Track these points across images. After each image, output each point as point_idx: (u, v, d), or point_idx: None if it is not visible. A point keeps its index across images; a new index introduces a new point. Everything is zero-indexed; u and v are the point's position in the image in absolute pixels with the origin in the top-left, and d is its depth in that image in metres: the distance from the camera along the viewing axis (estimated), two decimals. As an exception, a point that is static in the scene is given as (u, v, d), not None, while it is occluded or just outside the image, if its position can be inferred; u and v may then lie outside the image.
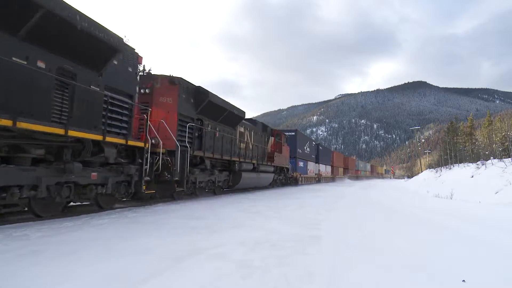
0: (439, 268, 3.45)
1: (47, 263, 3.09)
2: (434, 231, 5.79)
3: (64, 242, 3.93)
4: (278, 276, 2.97)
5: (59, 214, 5.84)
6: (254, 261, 3.40)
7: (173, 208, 7.81)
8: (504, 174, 12.67)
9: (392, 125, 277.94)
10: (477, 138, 32.72)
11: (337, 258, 3.71)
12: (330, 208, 8.87)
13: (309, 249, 4.05)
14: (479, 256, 4.05)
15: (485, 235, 5.49)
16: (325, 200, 11.40)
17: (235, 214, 6.99)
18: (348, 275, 3.10)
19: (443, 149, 31.93)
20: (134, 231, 4.77)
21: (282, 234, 4.88)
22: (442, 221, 7.12)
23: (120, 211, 6.89)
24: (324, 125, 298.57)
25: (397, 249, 4.27)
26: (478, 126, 46.73)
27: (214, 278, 2.88)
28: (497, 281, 3.12)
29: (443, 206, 10.64)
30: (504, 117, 42.22)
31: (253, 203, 9.29)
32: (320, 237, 4.83)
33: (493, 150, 23.35)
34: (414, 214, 8.65)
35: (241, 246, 4.04)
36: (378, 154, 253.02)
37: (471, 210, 9.45)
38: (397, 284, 2.90)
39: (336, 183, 35.01)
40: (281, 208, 8.24)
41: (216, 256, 3.56)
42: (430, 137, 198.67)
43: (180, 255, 3.51)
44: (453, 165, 23.28)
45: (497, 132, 26.56)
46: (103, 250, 3.62)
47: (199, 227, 5.25)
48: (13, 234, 4.24)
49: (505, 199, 10.40)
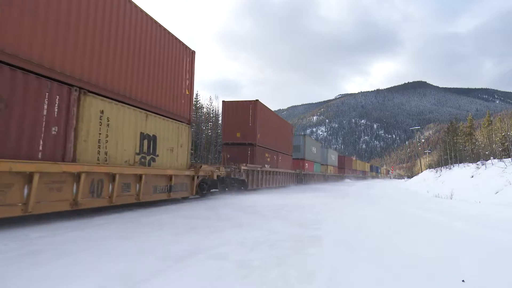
0: (439, 268, 3.45)
1: (47, 263, 3.09)
2: (434, 231, 5.78)
3: (64, 242, 3.93)
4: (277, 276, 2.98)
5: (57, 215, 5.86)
6: (254, 261, 3.41)
7: (173, 208, 7.83)
8: (504, 174, 12.66)
9: (392, 125, 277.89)
10: (477, 138, 32.74)
11: (337, 258, 3.72)
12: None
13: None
14: (479, 256, 4.05)
15: (485, 235, 5.48)
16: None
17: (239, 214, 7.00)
18: (348, 275, 3.10)
19: (443, 149, 31.93)
20: (135, 231, 4.77)
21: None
22: (442, 222, 7.12)
23: (120, 211, 6.89)
24: (324, 125, 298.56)
25: (396, 249, 4.27)
26: (478, 126, 46.78)
27: (214, 278, 2.88)
28: (497, 281, 3.12)
29: (443, 206, 10.64)
30: (504, 117, 42.22)
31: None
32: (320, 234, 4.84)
33: (493, 150, 23.36)
34: (414, 214, 8.64)
35: (240, 246, 4.04)
36: (378, 154, 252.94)
37: (471, 210, 9.45)
38: (397, 284, 2.90)
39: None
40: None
41: (216, 256, 3.56)
42: (430, 137, 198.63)
43: (180, 255, 3.51)
44: (453, 165, 23.28)
45: (497, 132, 26.59)
46: (103, 250, 3.62)
47: (199, 227, 5.25)
48: (13, 234, 4.24)
49: (505, 199, 10.40)
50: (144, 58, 7.60)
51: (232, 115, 15.74)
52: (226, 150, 15.32)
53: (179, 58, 9.10)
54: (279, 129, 19.88)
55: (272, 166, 17.93)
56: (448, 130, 34.65)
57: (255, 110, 15.39)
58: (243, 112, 15.47)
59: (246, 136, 15.33)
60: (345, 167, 49.89)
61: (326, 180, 36.02)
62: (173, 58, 8.83)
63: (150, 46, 7.79)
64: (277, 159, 19.16)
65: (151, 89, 7.85)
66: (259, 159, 15.77)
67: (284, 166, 20.91)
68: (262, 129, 16.30)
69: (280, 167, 19.82)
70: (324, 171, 36.40)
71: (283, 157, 20.77)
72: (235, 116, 15.62)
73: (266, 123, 16.87)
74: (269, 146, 17.47)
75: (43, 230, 4.57)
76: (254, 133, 15.28)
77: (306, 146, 28.38)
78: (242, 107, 15.57)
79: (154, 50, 7.96)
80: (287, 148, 21.88)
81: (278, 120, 19.81)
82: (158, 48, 8.10)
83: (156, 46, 8.04)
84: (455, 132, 32.58)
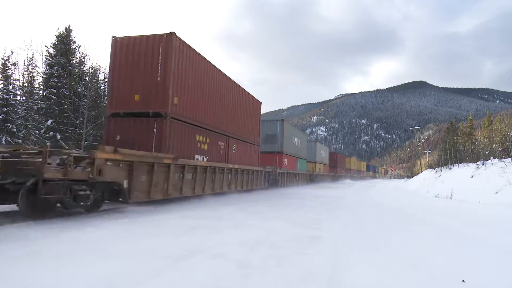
0: (439, 268, 3.44)
1: (46, 263, 3.09)
2: (434, 232, 5.79)
3: (63, 242, 3.93)
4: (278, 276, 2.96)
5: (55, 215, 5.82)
6: (253, 261, 3.40)
7: (174, 208, 7.82)
8: (504, 174, 12.64)
9: (392, 125, 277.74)
10: (477, 138, 32.73)
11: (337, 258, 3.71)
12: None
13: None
14: (480, 256, 4.05)
15: (485, 235, 5.48)
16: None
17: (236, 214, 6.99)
18: (348, 275, 3.10)
19: (443, 149, 31.91)
20: (134, 231, 4.78)
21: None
22: (442, 222, 7.12)
23: (120, 211, 6.89)
24: (324, 125, 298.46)
25: (396, 249, 4.26)
26: (478, 126, 46.76)
27: (214, 278, 2.87)
28: (497, 281, 3.12)
29: (443, 206, 10.64)
30: (504, 117, 42.22)
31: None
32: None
33: (493, 150, 23.35)
34: (414, 215, 8.65)
35: (241, 246, 4.03)
36: (378, 154, 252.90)
37: (471, 210, 9.45)
38: (397, 284, 2.89)
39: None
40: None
41: (216, 256, 3.56)
42: (430, 137, 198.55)
43: (180, 255, 3.51)
44: (453, 165, 23.28)
45: (497, 132, 26.58)
46: (103, 251, 3.62)
47: (199, 227, 5.25)
48: (13, 234, 4.23)
49: (505, 199, 10.39)
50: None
51: (127, 64, 8.77)
52: (115, 126, 8.71)
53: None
54: (233, 101, 12.87)
55: (213, 158, 10.97)
56: (448, 130, 34.62)
57: (168, 52, 8.46)
58: (148, 58, 8.60)
59: (150, 100, 8.47)
60: (337, 165, 44.11)
61: (313, 180, 29.79)
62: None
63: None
64: (225, 148, 12.07)
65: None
66: (178, 144, 8.89)
67: (246, 160, 14.01)
68: (186, 89, 9.23)
69: (239, 161, 13.12)
70: (311, 170, 30.37)
71: (244, 147, 13.83)
72: (133, 64, 8.70)
73: (195, 79, 9.78)
74: (207, 124, 10.52)
75: (43, 230, 4.56)
76: (166, 95, 8.38)
77: (286, 135, 20.94)
78: (146, 48, 8.64)
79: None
80: (250, 134, 14.79)
81: (229, 85, 12.52)
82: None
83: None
84: (455, 132, 32.56)
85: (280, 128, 20.58)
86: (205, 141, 10.57)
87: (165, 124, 8.32)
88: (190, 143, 9.62)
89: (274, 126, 20.61)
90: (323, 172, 35.59)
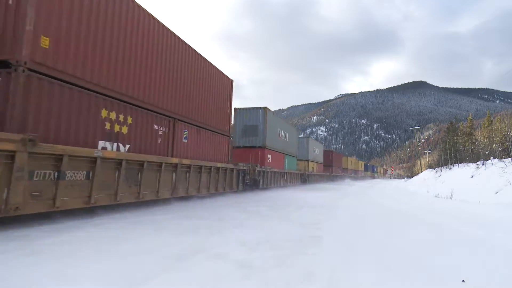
0: (439, 268, 3.45)
1: (47, 263, 3.09)
2: (434, 232, 5.79)
3: (64, 242, 3.92)
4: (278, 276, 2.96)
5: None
6: (254, 261, 3.40)
7: (173, 208, 7.83)
8: (504, 174, 12.64)
9: (392, 125, 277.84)
10: (477, 138, 32.73)
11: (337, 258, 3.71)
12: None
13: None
14: (480, 256, 4.05)
15: (485, 235, 5.48)
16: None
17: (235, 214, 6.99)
18: (348, 275, 3.10)
19: (443, 149, 31.90)
20: (135, 232, 4.77)
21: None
22: (442, 222, 7.12)
23: (120, 211, 6.89)
24: (324, 125, 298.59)
25: (396, 249, 4.27)
26: (478, 126, 46.76)
27: (214, 278, 2.88)
28: (497, 281, 3.12)
29: (443, 207, 10.65)
30: (504, 117, 42.23)
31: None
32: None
33: (493, 150, 23.35)
34: (414, 215, 8.65)
35: (241, 246, 4.03)
36: (378, 154, 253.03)
37: (471, 210, 9.45)
38: (397, 284, 2.90)
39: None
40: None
41: (217, 256, 3.56)
42: (430, 137, 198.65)
43: (180, 255, 3.51)
44: (453, 165, 23.28)
45: (497, 132, 26.57)
46: (103, 251, 3.62)
47: (199, 227, 5.25)
48: (13, 234, 4.23)
49: (505, 199, 10.38)
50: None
51: None
52: None
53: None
54: (186, 71, 9.27)
55: (143, 148, 7.44)
56: (448, 130, 34.62)
57: None
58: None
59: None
60: (333, 164, 40.05)
61: (306, 181, 26.08)
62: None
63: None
64: (168, 135, 8.47)
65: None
66: (55, 119, 5.23)
67: (207, 154, 10.67)
68: (80, 30, 5.66)
69: (194, 155, 9.74)
70: (303, 169, 27.22)
71: (204, 136, 10.50)
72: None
73: (109, 20, 6.29)
74: (127, 95, 6.86)
75: (43, 230, 4.56)
76: (19, 28, 4.73)
77: (269, 127, 17.52)
78: None
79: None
80: (214, 120, 11.30)
81: (181, 49, 8.93)
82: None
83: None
84: (455, 132, 32.56)
85: (262, 118, 16.98)
86: (124, 121, 6.80)
87: (14, 80, 4.66)
88: (86, 121, 5.85)
89: (255, 115, 17.06)
90: (317, 172, 32.40)
